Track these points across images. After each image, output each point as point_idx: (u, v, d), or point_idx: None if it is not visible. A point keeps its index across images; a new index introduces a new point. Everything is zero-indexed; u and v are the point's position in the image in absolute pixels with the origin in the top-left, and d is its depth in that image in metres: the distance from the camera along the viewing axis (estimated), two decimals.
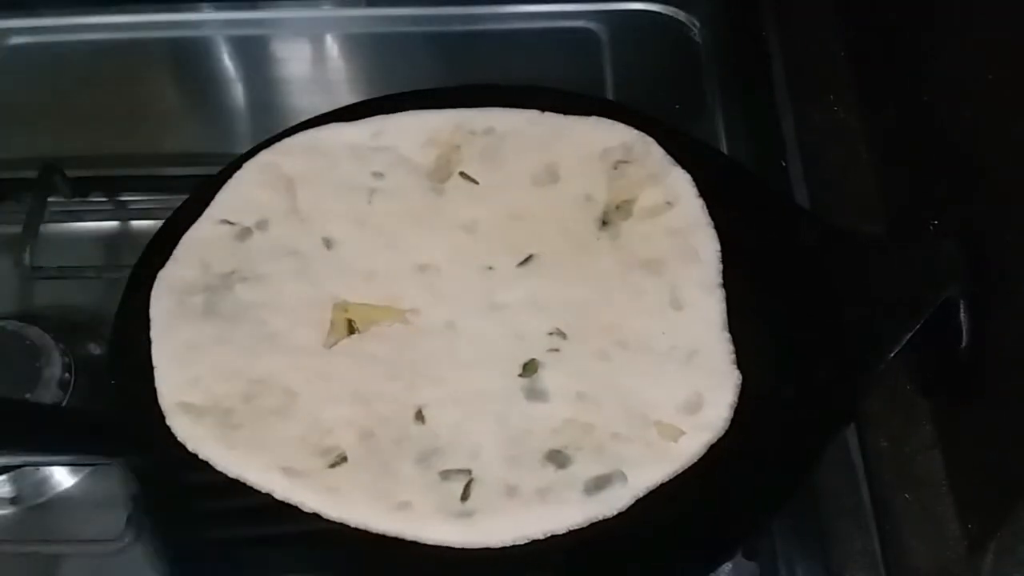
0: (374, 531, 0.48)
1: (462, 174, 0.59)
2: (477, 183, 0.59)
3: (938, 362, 0.53)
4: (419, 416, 0.52)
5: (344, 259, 0.57)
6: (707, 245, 0.56)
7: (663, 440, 0.50)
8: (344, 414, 0.52)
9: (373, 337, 0.54)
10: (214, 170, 0.60)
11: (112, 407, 0.54)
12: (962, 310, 0.51)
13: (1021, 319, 0.48)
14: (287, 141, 0.60)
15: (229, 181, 0.59)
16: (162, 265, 0.56)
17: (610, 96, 0.74)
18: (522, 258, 0.57)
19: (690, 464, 0.50)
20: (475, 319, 0.55)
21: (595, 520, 0.48)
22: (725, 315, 0.54)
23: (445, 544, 0.48)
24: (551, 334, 0.54)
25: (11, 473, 0.59)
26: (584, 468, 0.50)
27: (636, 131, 0.60)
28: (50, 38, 0.80)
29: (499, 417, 0.52)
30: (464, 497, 0.49)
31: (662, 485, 0.49)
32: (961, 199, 0.54)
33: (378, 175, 0.59)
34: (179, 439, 0.51)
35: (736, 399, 0.51)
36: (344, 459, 0.50)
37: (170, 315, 0.54)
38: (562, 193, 0.59)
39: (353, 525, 0.48)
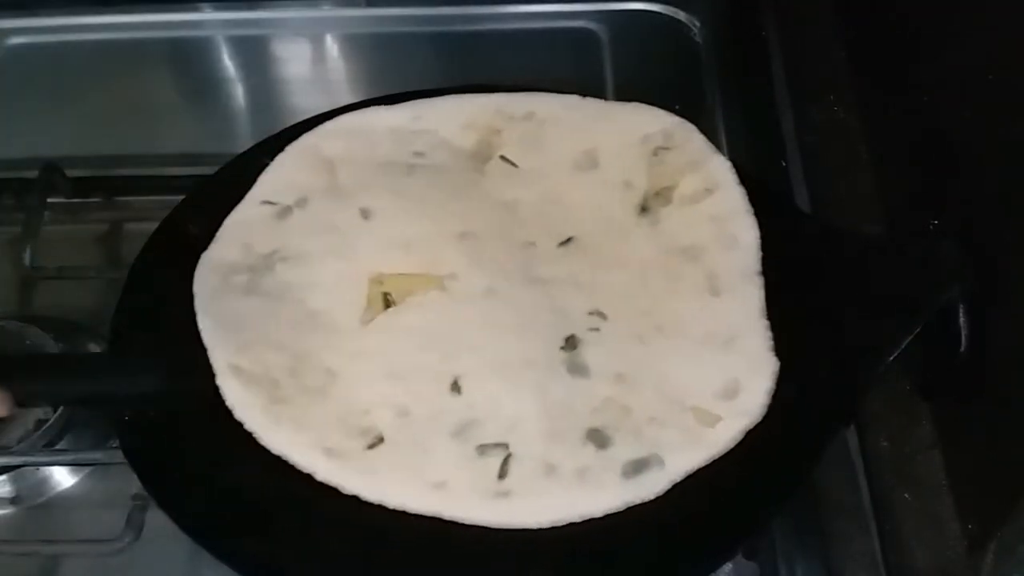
0: (412, 512, 0.48)
1: (502, 157, 0.59)
2: (517, 167, 0.59)
3: (938, 365, 0.53)
4: (455, 387, 0.51)
5: (382, 229, 0.56)
6: (747, 232, 0.56)
7: (700, 425, 0.50)
8: (380, 393, 0.51)
9: (410, 308, 0.54)
10: (213, 170, 0.61)
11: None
12: (961, 314, 0.51)
13: (1021, 319, 0.48)
14: (327, 125, 0.61)
15: (271, 164, 0.59)
16: (161, 265, 0.56)
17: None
18: (562, 239, 0.56)
19: (727, 450, 0.49)
20: (515, 288, 0.54)
21: (632, 504, 0.48)
22: (763, 302, 0.53)
23: (482, 524, 0.48)
24: (591, 314, 0.54)
25: (11, 473, 0.59)
26: (623, 450, 0.49)
27: (677, 117, 0.60)
28: (50, 38, 0.80)
29: (539, 388, 0.51)
30: (502, 475, 0.49)
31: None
32: (961, 199, 0.54)
33: (419, 154, 0.59)
34: (227, 403, 0.50)
35: (773, 386, 0.51)
36: (381, 440, 0.50)
37: (215, 291, 0.54)
38: (601, 179, 0.59)
39: (391, 507, 0.48)
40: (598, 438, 0.49)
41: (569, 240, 0.56)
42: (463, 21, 0.80)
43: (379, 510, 0.48)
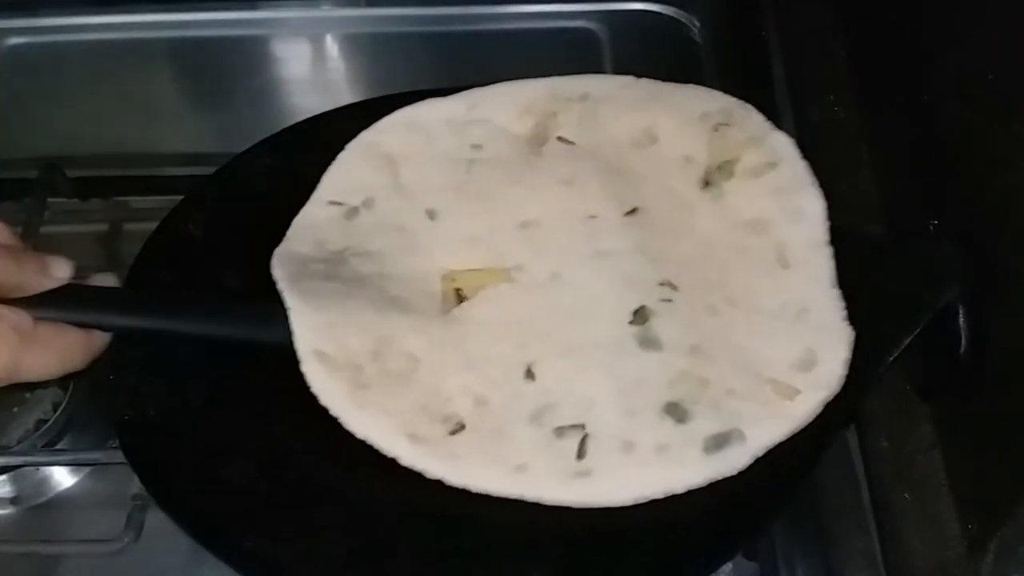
0: (495, 495, 0.48)
1: (559, 138, 0.59)
2: (574, 144, 0.59)
3: (938, 365, 0.53)
4: (529, 374, 0.51)
5: (447, 228, 0.57)
6: (813, 203, 0.55)
7: (778, 398, 0.50)
8: (459, 382, 0.51)
9: (481, 301, 0.54)
10: (213, 170, 0.61)
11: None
12: (961, 314, 0.51)
13: (1021, 319, 0.48)
14: (385, 120, 0.61)
15: (333, 164, 0.59)
16: (161, 265, 0.56)
17: None
18: (626, 209, 0.56)
19: (806, 423, 0.49)
20: (581, 268, 0.54)
21: (714, 480, 0.48)
22: (835, 272, 0.53)
23: (564, 504, 0.48)
24: (661, 284, 0.53)
25: (11, 473, 0.59)
26: (703, 424, 0.49)
27: (735, 98, 0.60)
28: (50, 38, 0.80)
29: (610, 367, 0.51)
30: (580, 455, 0.49)
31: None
32: (961, 199, 0.54)
33: (476, 147, 0.59)
34: (313, 390, 0.50)
35: (850, 355, 0.50)
36: (463, 427, 0.50)
37: (295, 275, 0.54)
38: (661, 154, 0.58)
39: (475, 491, 0.48)
40: (676, 412, 0.49)
41: (634, 211, 0.56)
42: (463, 21, 0.80)
43: (461, 495, 0.48)
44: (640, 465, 0.48)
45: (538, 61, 0.76)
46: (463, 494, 0.48)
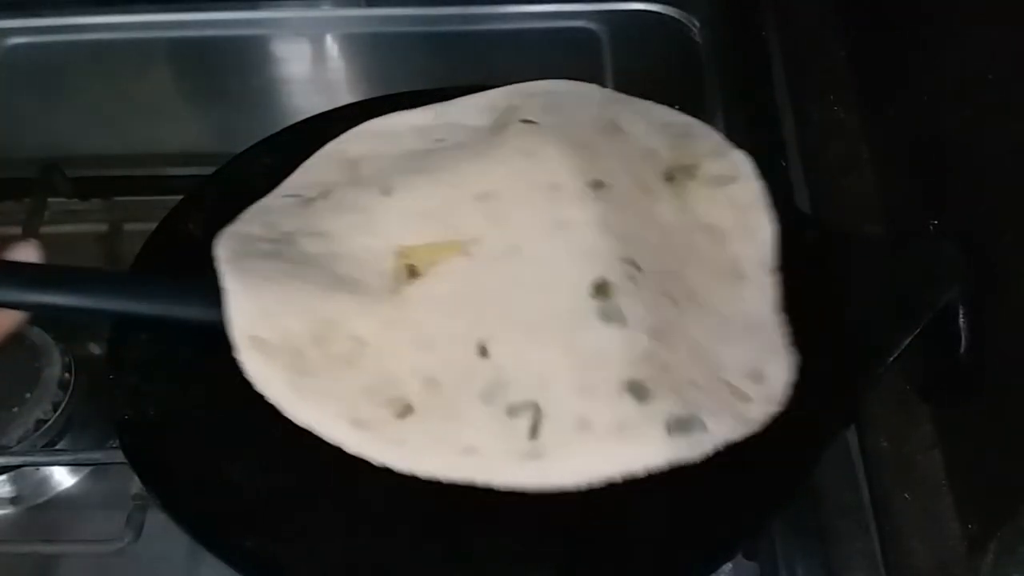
0: (444, 480, 0.46)
1: (523, 120, 0.58)
2: (537, 123, 0.57)
3: (938, 365, 0.53)
4: (483, 351, 0.49)
5: (403, 203, 0.54)
6: (766, 227, 0.55)
7: (735, 399, 0.49)
8: (409, 363, 0.49)
9: (435, 278, 0.52)
10: (213, 170, 0.61)
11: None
12: (961, 314, 0.51)
13: (1021, 319, 0.48)
14: (352, 131, 0.60)
15: (298, 168, 0.58)
16: (161, 265, 0.56)
17: None
18: (590, 180, 0.53)
19: (758, 431, 0.48)
20: (541, 240, 0.52)
21: (676, 463, 0.46)
22: (781, 298, 0.53)
23: (517, 488, 0.46)
24: (624, 261, 0.51)
25: (11, 473, 0.59)
26: (665, 404, 0.46)
27: (695, 118, 0.59)
28: (50, 38, 0.80)
29: (569, 341, 0.48)
30: (533, 434, 0.47)
31: (664, 483, 0.49)
32: (961, 199, 0.54)
33: (439, 140, 0.59)
34: (248, 377, 0.49)
35: (793, 379, 0.50)
36: (411, 409, 0.48)
37: (237, 254, 0.52)
38: (627, 142, 0.57)
39: (423, 477, 0.47)
40: (637, 390, 0.47)
41: (599, 184, 0.53)
42: (463, 21, 0.80)
43: (409, 483, 0.46)
44: (597, 444, 0.46)
45: (538, 61, 0.77)
46: (465, 494, 0.47)
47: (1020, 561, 0.46)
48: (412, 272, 0.52)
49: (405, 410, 0.48)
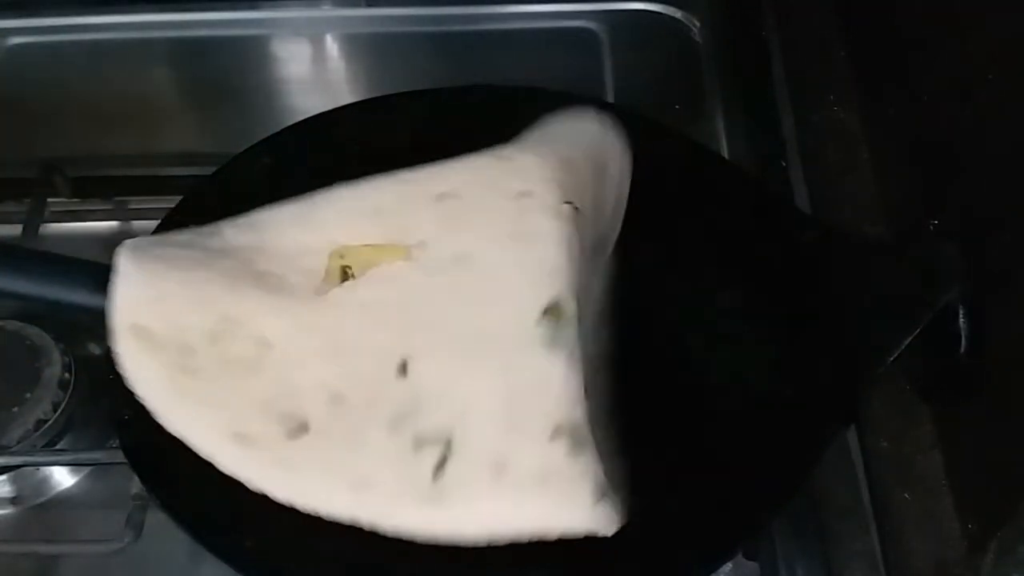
0: (325, 515, 0.41)
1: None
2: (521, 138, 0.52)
3: (937, 366, 0.53)
4: (402, 369, 0.43)
5: (351, 197, 0.49)
6: None
7: None
8: (316, 373, 0.44)
9: (369, 282, 0.46)
10: (213, 170, 0.61)
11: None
12: (961, 314, 0.51)
13: (1021, 319, 0.48)
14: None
15: None
16: None
17: (610, 97, 0.74)
18: (567, 198, 0.47)
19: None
20: (496, 250, 0.46)
21: (594, 534, 0.41)
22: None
23: (406, 534, 0.41)
24: (576, 296, 0.45)
25: (11, 473, 0.59)
26: (600, 463, 0.41)
27: None
28: (50, 38, 0.80)
29: (504, 367, 0.42)
30: (437, 473, 0.41)
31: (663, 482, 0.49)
32: (961, 199, 0.54)
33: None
34: (121, 371, 0.43)
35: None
36: (306, 428, 0.43)
37: (148, 241, 0.47)
38: (608, 187, 0.53)
39: (301, 508, 0.42)
40: (572, 436, 0.41)
41: (574, 209, 0.47)
42: (463, 21, 0.80)
43: (290, 511, 0.42)
44: (510, 493, 0.40)
45: (538, 61, 0.77)
46: None
47: (1020, 561, 0.46)
48: (345, 274, 0.47)
49: (299, 429, 0.43)
